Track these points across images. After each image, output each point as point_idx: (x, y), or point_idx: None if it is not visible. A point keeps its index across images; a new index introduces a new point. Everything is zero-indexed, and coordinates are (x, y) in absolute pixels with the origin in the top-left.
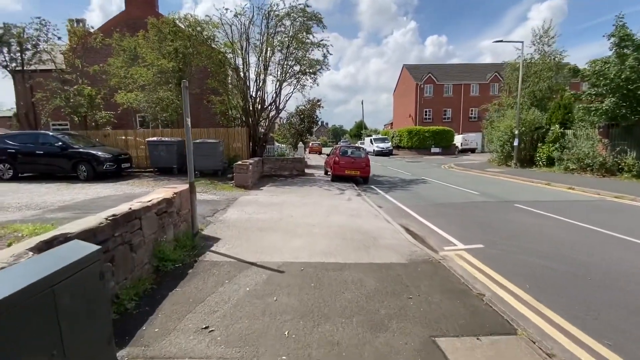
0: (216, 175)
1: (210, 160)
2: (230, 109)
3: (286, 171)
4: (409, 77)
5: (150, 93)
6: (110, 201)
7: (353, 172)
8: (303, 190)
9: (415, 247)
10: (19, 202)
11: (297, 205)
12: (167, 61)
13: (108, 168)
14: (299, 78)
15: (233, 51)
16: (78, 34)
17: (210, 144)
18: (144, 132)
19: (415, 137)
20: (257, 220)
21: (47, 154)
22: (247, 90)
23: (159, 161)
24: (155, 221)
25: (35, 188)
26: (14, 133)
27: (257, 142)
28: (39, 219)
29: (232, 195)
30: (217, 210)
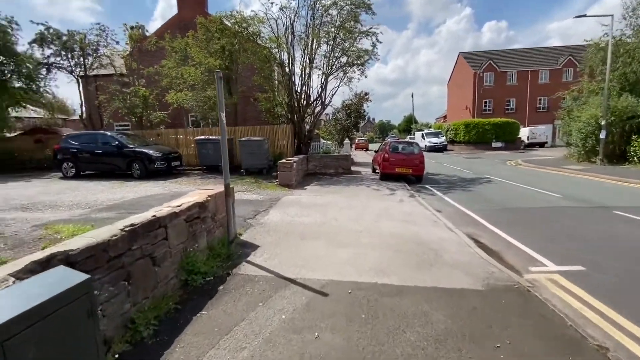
0: (261, 174)
1: (255, 158)
2: (276, 105)
3: (331, 169)
4: (465, 66)
5: (198, 92)
6: (155, 200)
7: (405, 170)
8: (349, 190)
9: (492, 267)
10: (72, 201)
11: (343, 207)
12: (214, 59)
13: (159, 166)
14: (346, 70)
15: (278, 46)
16: (134, 37)
17: (256, 142)
18: (194, 130)
19: (473, 130)
20: (299, 224)
21: (105, 153)
22: (292, 85)
23: (207, 159)
24: (184, 229)
25: (92, 186)
26: (77, 133)
27: (301, 139)
28: (84, 219)
29: (275, 194)
30: (258, 211)
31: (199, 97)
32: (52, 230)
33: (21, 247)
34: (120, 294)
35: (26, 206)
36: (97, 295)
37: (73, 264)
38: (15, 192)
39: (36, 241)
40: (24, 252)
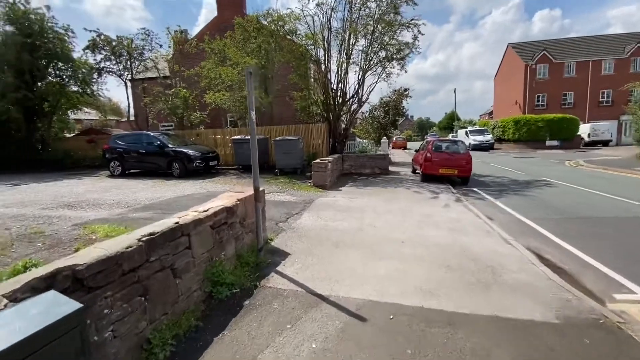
0: (295, 174)
1: (289, 158)
2: (311, 104)
3: (367, 169)
4: (515, 58)
5: (235, 92)
6: (191, 200)
7: (449, 170)
8: (387, 193)
9: (565, 292)
10: (114, 199)
11: (381, 211)
12: (251, 59)
13: (197, 166)
14: (385, 65)
15: (314, 42)
16: (176, 40)
17: (290, 142)
18: (231, 130)
19: (524, 127)
20: (333, 230)
21: (148, 153)
22: (328, 83)
23: (243, 159)
24: (209, 236)
25: (135, 184)
26: (123, 134)
27: (337, 138)
28: (120, 219)
29: (309, 196)
30: (291, 214)
31: (236, 97)
32: (89, 230)
33: (57, 247)
34: (135, 311)
35: (72, 204)
36: (106, 314)
37: (80, 280)
38: (66, 189)
39: (72, 241)
40: (58, 253)
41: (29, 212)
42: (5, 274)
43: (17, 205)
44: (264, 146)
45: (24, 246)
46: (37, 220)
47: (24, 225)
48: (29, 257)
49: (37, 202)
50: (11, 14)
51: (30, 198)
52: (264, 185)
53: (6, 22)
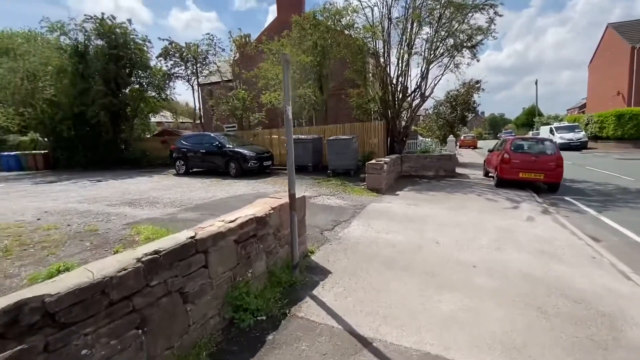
0: (348, 175)
1: (342, 158)
2: (368, 101)
3: (430, 171)
4: (617, 40)
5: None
6: (240, 201)
7: (533, 175)
8: (454, 200)
9: None
10: (170, 198)
11: (446, 223)
12: (306, 56)
13: (252, 166)
14: (453, 55)
15: (373, 35)
16: (237, 43)
17: (343, 141)
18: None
19: (630, 123)
20: (385, 245)
21: (208, 153)
22: (387, 77)
23: (296, 159)
24: (233, 252)
25: (194, 183)
26: (187, 135)
27: (396, 136)
28: (169, 219)
29: (361, 201)
30: (338, 222)
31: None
32: (135, 231)
33: (101, 247)
34: (127, 348)
35: (133, 201)
36: (84, 356)
37: (51, 315)
38: (134, 186)
39: (117, 242)
40: (99, 255)
41: (95, 208)
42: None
43: (90, 201)
44: (317, 146)
45: (74, 245)
46: (98, 217)
47: (85, 223)
48: (72, 259)
49: (107, 198)
50: (101, 29)
51: (103, 194)
52: (313, 187)
53: (97, 37)
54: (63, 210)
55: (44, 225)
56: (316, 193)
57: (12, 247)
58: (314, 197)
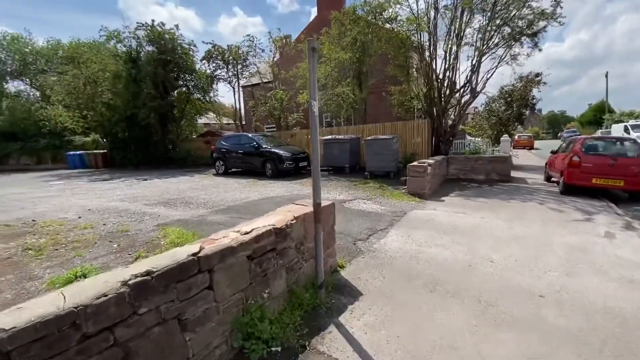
0: (388, 178)
1: (381, 159)
2: (411, 98)
3: (481, 174)
4: None
5: (328, 90)
6: (272, 203)
7: (610, 181)
8: (510, 208)
9: None
10: (204, 199)
11: (502, 237)
12: (345, 52)
13: (287, 166)
14: (510, 44)
15: (417, 26)
16: (276, 44)
17: (382, 141)
18: (323, 130)
19: None
20: (428, 261)
21: (246, 153)
22: (432, 72)
23: (332, 160)
24: (245, 270)
25: (230, 183)
26: (226, 135)
27: (441, 136)
28: (198, 222)
29: (401, 207)
30: (375, 230)
31: (328, 95)
32: (163, 233)
33: (126, 251)
34: None
35: (169, 201)
36: None
37: (5, 354)
38: (174, 186)
39: (143, 245)
40: (122, 259)
41: (133, 207)
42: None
43: (130, 200)
44: (355, 146)
45: (103, 246)
46: (133, 217)
47: (119, 223)
48: (96, 261)
49: (146, 197)
50: (151, 35)
51: (144, 193)
52: (349, 189)
53: (148, 43)
54: (104, 209)
55: (82, 223)
56: (351, 196)
57: (46, 246)
58: (348, 201)
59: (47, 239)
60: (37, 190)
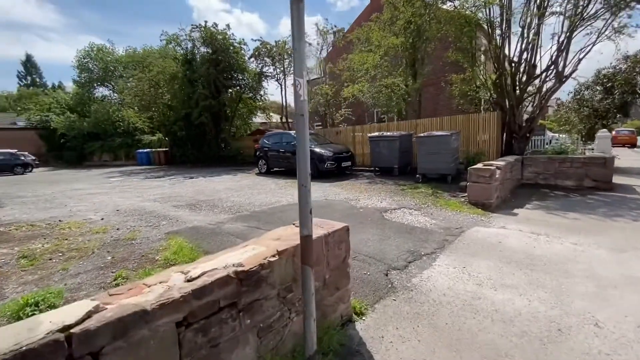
0: (444, 182)
1: (436, 160)
2: (477, 88)
3: (569, 180)
4: None
5: (377, 81)
6: None
7: None
8: (617, 231)
9: None
10: (233, 201)
11: (608, 278)
12: (396, 38)
13: (329, 167)
14: (615, 11)
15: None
16: (324, 36)
17: (437, 138)
18: (370, 126)
19: None
20: (489, 317)
21: (287, 152)
22: (504, 54)
23: (379, 160)
24: (168, 344)
25: (267, 184)
26: (269, 133)
27: (515, 132)
28: (211, 231)
29: (458, 221)
30: (418, 255)
31: (378, 86)
32: (166, 244)
33: (115, 266)
34: None
35: (197, 203)
36: None
37: None
38: (212, 185)
39: (136, 260)
40: (102, 279)
41: (159, 209)
42: None
43: (163, 200)
44: (406, 144)
45: (96, 258)
46: (151, 221)
47: (133, 227)
48: (74, 280)
49: (179, 197)
50: (205, 36)
51: (180, 192)
52: (395, 195)
53: (202, 44)
54: (131, 210)
55: (98, 227)
56: (396, 205)
57: (43, 254)
58: (391, 211)
59: (52, 244)
60: (94, 187)
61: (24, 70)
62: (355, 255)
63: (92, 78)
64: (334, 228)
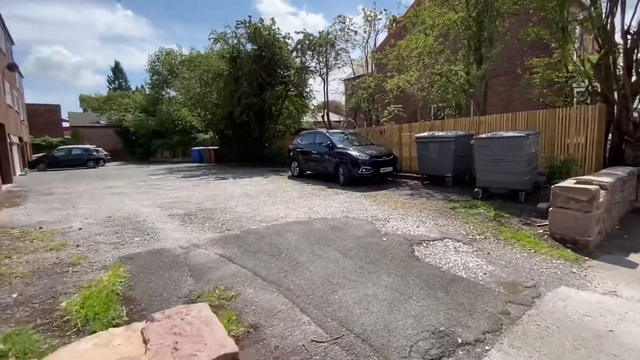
0: (513, 200)
1: (503, 169)
2: (569, 74)
3: None
4: None
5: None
6: (300, 234)
7: None
8: None
9: None
10: (234, 213)
11: None
12: (454, 13)
13: (364, 172)
14: None
15: None
16: (369, 20)
17: (506, 141)
18: (420, 125)
19: None
20: None
21: (319, 154)
22: (612, 24)
23: (428, 166)
24: None
25: (290, 191)
26: (304, 132)
27: (627, 133)
28: (171, 260)
29: (531, 269)
30: (450, 343)
31: (428, 75)
32: (95, 281)
33: (4, 313)
34: None
35: (196, 213)
36: None
37: None
38: (232, 189)
39: (41, 302)
40: None
41: (151, 217)
42: None
43: (165, 206)
44: (463, 147)
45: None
46: (123, 236)
47: (91, 246)
48: None
49: (184, 203)
50: (250, 32)
51: (191, 197)
52: (440, 216)
53: (247, 41)
54: (122, 218)
55: (60, 242)
56: (437, 232)
57: None
58: (427, 243)
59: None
60: (125, 186)
61: (113, 75)
62: (337, 335)
63: (160, 80)
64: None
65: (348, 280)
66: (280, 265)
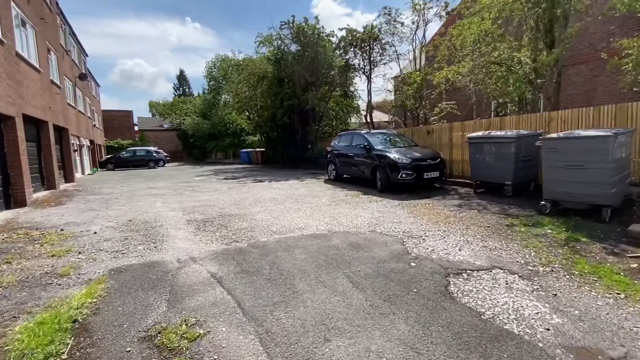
0: (596, 218)
1: (581, 178)
2: None
3: None
4: None
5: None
6: (313, 250)
7: None
8: None
9: None
10: (252, 220)
11: None
12: None
13: (404, 177)
14: None
15: None
16: (418, 10)
17: (584, 142)
18: (475, 123)
19: None
20: None
21: (356, 156)
22: None
23: (481, 171)
24: None
25: (320, 196)
26: (342, 133)
27: None
28: (160, 276)
29: (619, 325)
30: None
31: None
32: (68, 299)
33: None
34: None
35: (214, 220)
36: None
37: None
38: (263, 193)
39: None
40: None
41: (169, 223)
42: None
43: (189, 210)
44: (527, 149)
45: None
46: (130, 243)
47: (91, 255)
48: None
49: (208, 208)
50: (294, 32)
51: (219, 201)
52: (494, 235)
53: (291, 41)
54: (142, 222)
55: (66, 247)
56: (485, 258)
57: None
58: (468, 274)
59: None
60: (167, 187)
61: (178, 82)
62: None
63: (216, 85)
64: None
65: (350, 325)
66: (272, 294)
